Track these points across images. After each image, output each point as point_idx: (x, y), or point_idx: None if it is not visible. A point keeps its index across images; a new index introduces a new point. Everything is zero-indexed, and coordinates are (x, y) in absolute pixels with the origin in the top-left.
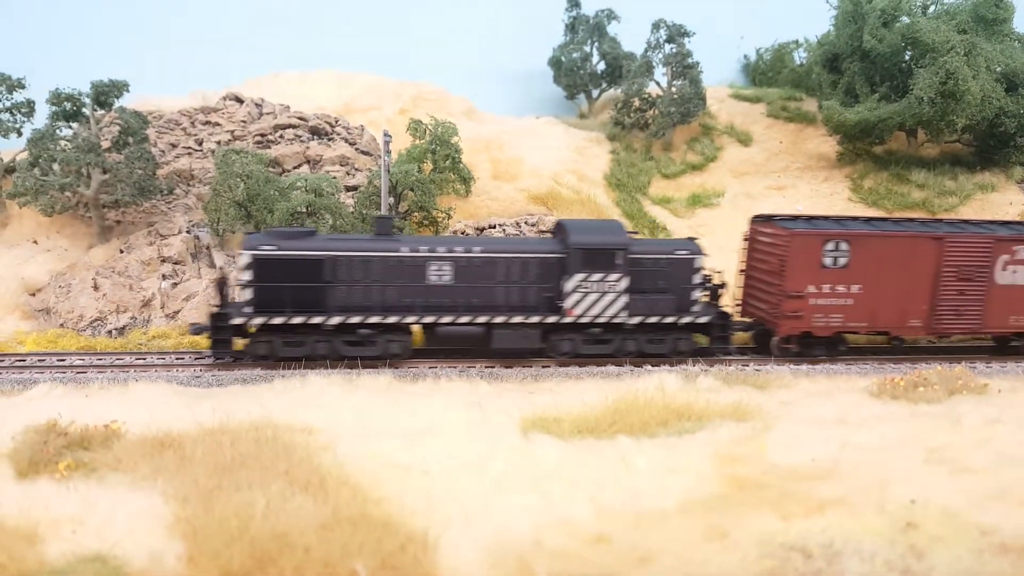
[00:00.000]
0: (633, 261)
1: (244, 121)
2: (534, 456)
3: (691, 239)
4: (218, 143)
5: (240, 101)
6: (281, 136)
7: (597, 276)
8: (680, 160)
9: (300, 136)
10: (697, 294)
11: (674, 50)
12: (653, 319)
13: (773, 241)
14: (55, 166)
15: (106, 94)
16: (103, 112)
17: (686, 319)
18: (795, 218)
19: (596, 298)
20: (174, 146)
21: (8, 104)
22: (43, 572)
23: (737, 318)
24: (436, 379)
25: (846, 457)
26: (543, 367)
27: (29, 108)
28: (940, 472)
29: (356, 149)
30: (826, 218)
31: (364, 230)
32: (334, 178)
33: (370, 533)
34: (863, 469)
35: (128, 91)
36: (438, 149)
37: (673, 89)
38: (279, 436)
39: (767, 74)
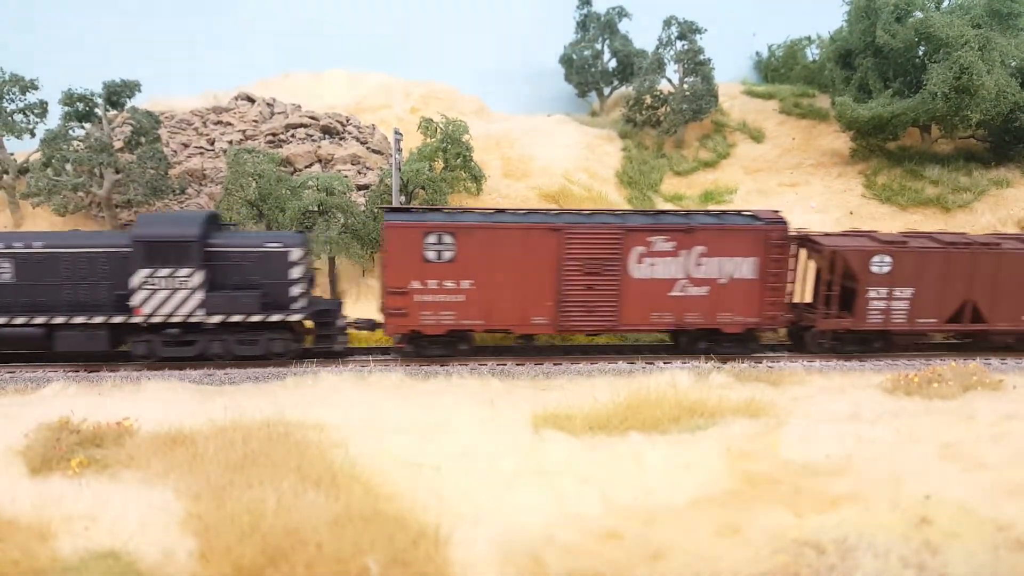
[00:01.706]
0: (213, 255)
1: (256, 121)
2: (545, 453)
3: (301, 231)
4: (230, 143)
5: (252, 101)
6: (292, 135)
7: (165, 271)
8: (692, 157)
9: (311, 135)
10: (297, 289)
11: (686, 47)
12: (237, 317)
13: (385, 235)
14: (68, 166)
15: (118, 94)
16: (115, 112)
17: (277, 316)
18: (408, 210)
19: (167, 295)
20: (186, 146)
21: (21, 105)
22: (56, 568)
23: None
24: (448, 376)
25: (860, 453)
26: (555, 364)
27: (42, 109)
28: (955, 468)
29: (367, 148)
30: (439, 209)
31: (375, 228)
32: (345, 177)
33: (382, 529)
34: (877, 465)
35: (140, 91)
36: (449, 147)
37: (685, 86)
38: (291, 433)
39: (779, 70)
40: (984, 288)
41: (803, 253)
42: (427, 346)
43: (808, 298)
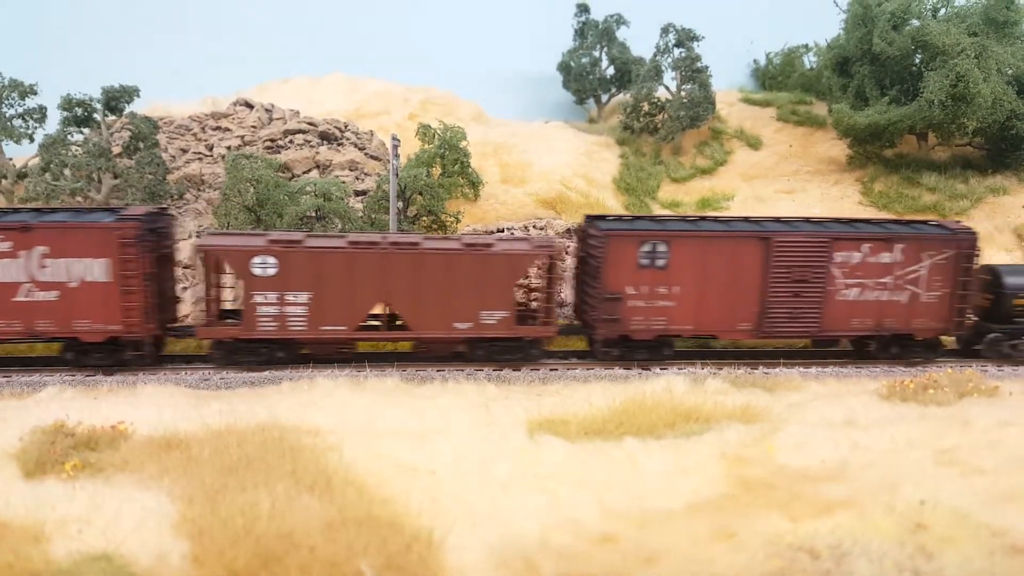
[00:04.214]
0: None
1: (254, 126)
2: (541, 457)
3: None
4: (228, 148)
5: (250, 106)
6: (291, 141)
7: None
8: (689, 164)
9: (310, 141)
10: None
11: (683, 54)
12: None
13: None
14: (66, 171)
15: (117, 99)
16: (114, 117)
17: None
18: None
19: None
20: (184, 151)
21: (20, 110)
22: (49, 571)
23: None
24: (443, 381)
25: (855, 458)
26: (551, 370)
27: (41, 114)
28: (950, 473)
29: (365, 154)
30: None
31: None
32: (343, 183)
33: (376, 533)
34: (872, 470)
35: (139, 96)
36: (447, 153)
37: (682, 93)
38: (285, 437)
39: (777, 78)
40: (403, 292)
41: None
42: None
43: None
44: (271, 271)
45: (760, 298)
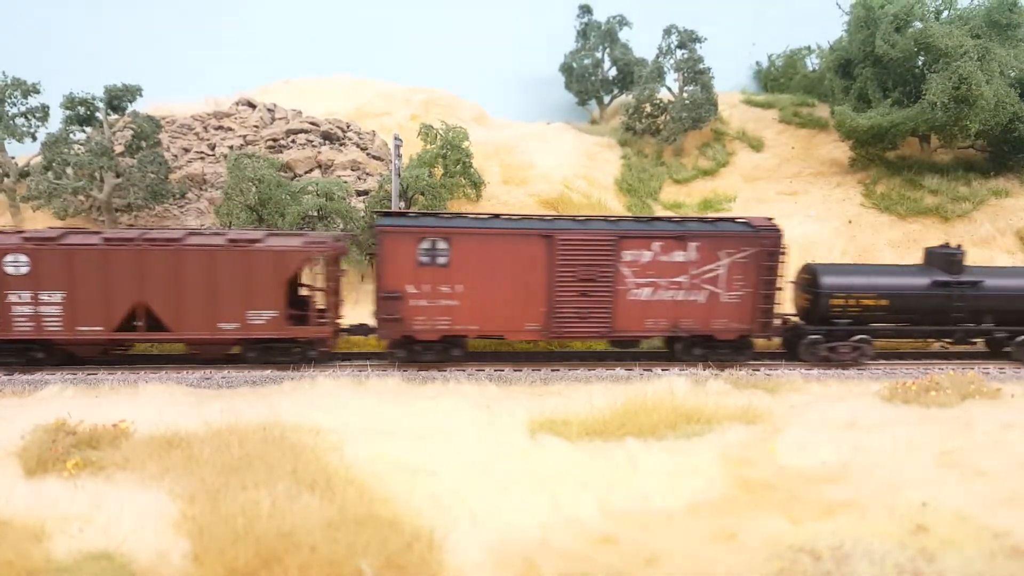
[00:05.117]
0: None
1: (256, 126)
2: (542, 457)
3: None
4: (230, 148)
5: (252, 106)
6: (293, 141)
7: None
8: (691, 165)
9: (312, 141)
10: None
11: (685, 56)
12: None
13: None
14: (68, 170)
15: (119, 99)
16: (116, 117)
17: None
18: None
19: None
20: (187, 151)
21: (23, 109)
22: (50, 569)
23: None
24: (445, 381)
25: (857, 460)
26: (552, 370)
27: (43, 113)
28: (952, 475)
29: (367, 154)
30: None
31: (373, 234)
32: (345, 182)
33: (376, 532)
34: (874, 472)
35: (141, 96)
36: (449, 154)
37: (684, 95)
38: (287, 436)
39: (779, 80)
40: (161, 291)
41: None
42: None
43: None
44: (24, 269)
45: (547, 298)
